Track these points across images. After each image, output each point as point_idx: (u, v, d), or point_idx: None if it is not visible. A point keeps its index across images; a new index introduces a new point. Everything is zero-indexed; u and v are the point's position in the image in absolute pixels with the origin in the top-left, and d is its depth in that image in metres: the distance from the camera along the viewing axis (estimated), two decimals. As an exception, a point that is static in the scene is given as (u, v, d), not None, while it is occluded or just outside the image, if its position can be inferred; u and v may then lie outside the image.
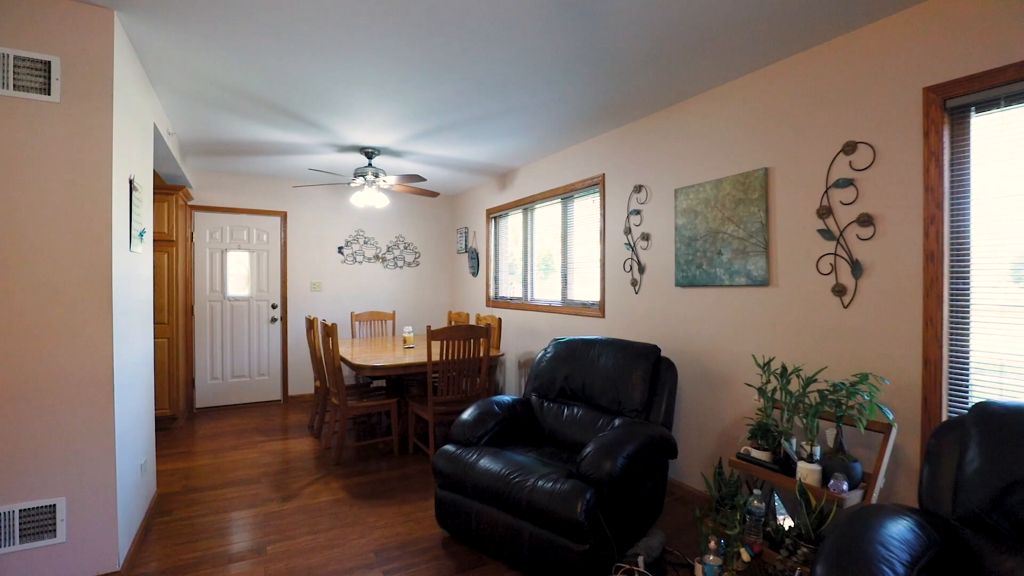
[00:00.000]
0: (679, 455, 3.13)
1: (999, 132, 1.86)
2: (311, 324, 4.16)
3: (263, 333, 5.41)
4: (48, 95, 1.96)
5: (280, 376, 5.49)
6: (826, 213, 2.35)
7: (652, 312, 3.34)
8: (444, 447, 2.59)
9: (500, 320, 4.46)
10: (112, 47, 2.07)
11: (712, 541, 1.98)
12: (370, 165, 4.15)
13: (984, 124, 1.90)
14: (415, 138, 3.88)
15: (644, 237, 3.39)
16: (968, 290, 1.93)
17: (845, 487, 1.88)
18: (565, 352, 3.06)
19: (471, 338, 3.59)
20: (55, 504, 1.99)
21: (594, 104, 3.17)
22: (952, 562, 1.43)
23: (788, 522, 2.05)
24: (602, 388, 2.79)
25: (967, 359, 1.94)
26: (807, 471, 1.99)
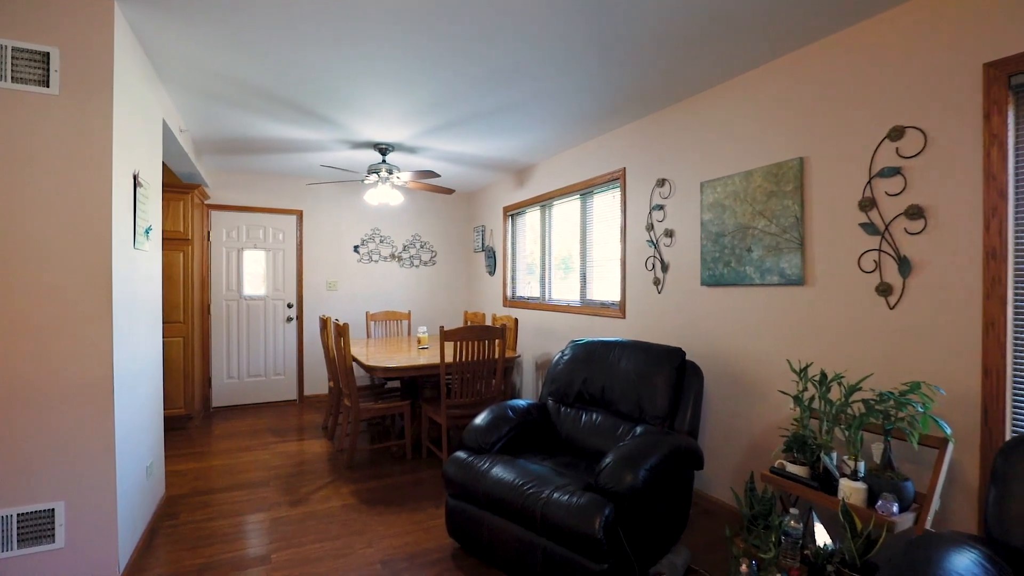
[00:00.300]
0: (704, 465, 2.95)
1: (1075, 111, 1.66)
2: (324, 324, 4.10)
3: (279, 332, 5.38)
4: (47, 87, 1.90)
5: (296, 376, 5.46)
6: (869, 205, 2.15)
7: (676, 313, 3.17)
8: (456, 454, 2.46)
9: (517, 320, 4.33)
10: (112, 38, 2.00)
11: (744, 564, 1.81)
12: (384, 161, 4.06)
13: (1056, 103, 1.69)
14: (429, 133, 3.78)
15: (667, 234, 3.22)
16: (1037, 290, 1.72)
17: (895, 509, 1.69)
18: (583, 354, 2.91)
19: (486, 339, 3.47)
20: (54, 508, 1.93)
21: (614, 94, 3.00)
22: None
23: (828, 543, 1.87)
24: (623, 393, 2.63)
25: (1035, 367, 1.73)
26: (851, 489, 1.80)
